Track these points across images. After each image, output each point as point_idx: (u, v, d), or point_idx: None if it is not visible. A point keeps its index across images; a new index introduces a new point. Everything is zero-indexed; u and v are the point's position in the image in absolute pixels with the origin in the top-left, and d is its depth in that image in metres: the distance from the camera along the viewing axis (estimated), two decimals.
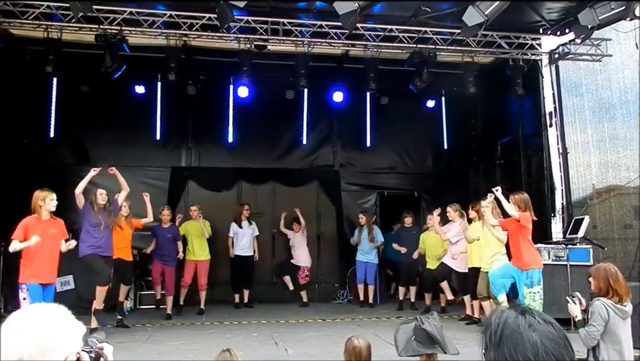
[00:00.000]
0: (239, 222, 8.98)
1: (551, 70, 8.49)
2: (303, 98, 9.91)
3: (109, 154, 9.72)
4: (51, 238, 5.48)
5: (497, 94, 9.54)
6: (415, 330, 3.13)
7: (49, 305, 1.27)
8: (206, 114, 9.93)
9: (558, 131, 8.38)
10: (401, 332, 3.19)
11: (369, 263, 9.00)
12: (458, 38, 8.10)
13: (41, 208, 5.46)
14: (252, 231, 9.01)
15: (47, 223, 5.50)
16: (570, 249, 7.00)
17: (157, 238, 7.99)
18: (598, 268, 3.77)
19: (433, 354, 3.09)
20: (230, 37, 8.04)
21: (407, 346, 3.10)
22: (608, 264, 3.83)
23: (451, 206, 7.70)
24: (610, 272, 3.66)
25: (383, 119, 10.25)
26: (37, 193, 5.53)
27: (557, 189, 8.22)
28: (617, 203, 9.29)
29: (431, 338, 3.05)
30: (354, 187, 10.52)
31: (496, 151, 9.86)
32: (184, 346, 5.75)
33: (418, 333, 3.10)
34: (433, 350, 3.07)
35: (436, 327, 3.10)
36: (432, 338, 3.05)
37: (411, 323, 3.18)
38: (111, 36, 7.62)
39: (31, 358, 1.16)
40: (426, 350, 3.07)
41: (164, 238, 7.97)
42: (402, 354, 3.14)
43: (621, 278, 3.64)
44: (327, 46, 8.34)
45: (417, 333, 3.11)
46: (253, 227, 9.06)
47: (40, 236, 5.31)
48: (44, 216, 5.48)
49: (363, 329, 6.46)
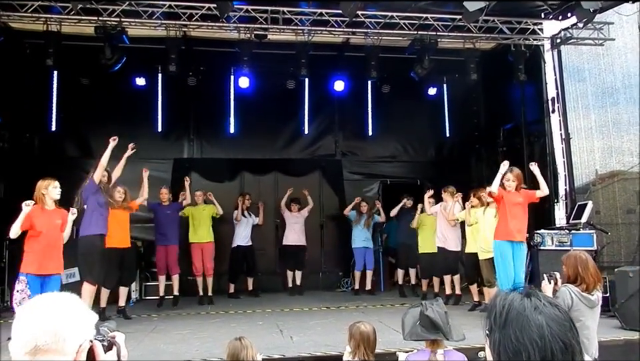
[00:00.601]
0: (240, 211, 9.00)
1: (553, 55, 8.44)
2: (304, 87, 9.88)
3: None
4: (55, 228, 5.40)
5: (499, 81, 9.49)
6: (420, 314, 3.16)
7: (62, 293, 1.29)
8: (207, 105, 9.91)
9: (560, 117, 8.34)
10: (409, 316, 3.22)
11: (367, 249, 9.05)
12: (459, 24, 8.05)
13: (45, 197, 5.37)
14: (252, 222, 9.05)
15: (52, 213, 5.42)
16: (573, 234, 7.01)
17: (158, 216, 7.94)
18: (569, 255, 3.75)
19: (437, 339, 3.12)
20: (230, 27, 8.00)
21: (412, 331, 3.13)
22: (581, 252, 3.79)
23: (447, 189, 7.87)
24: (580, 259, 3.62)
25: (385, 107, 10.22)
26: (39, 182, 5.44)
27: (560, 175, 8.21)
28: (621, 188, 9.28)
29: (434, 324, 3.08)
30: (356, 176, 10.53)
31: (498, 138, 9.83)
32: (190, 335, 5.79)
33: (422, 318, 3.13)
34: (436, 336, 3.10)
35: (439, 313, 3.13)
36: (435, 324, 3.08)
37: (418, 307, 3.21)
38: (111, 28, 7.58)
39: (45, 345, 1.17)
40: (429, 335, 3.10)
41: (165, 216, 7.93)
42: (407, 338, 3.18)
43: (591, 267, 3.60)
44: (328, 34, 8.30)
45: (422, 318, 3.13)
46: (253, 218, 9.12)
47: (44, 226, 5.28)
48: (48, 205, 5.41)
49: (367, 316, 6.50)
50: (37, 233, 5.30)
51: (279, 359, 4.66)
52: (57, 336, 1.18)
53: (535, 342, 1.16)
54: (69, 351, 1.20)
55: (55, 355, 1.18)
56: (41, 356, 1.18)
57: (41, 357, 1.18)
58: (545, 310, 1.20)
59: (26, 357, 1.18)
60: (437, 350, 3.13)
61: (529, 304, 1.21)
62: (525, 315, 1.19)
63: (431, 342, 3.15)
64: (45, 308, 1.22)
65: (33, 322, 1.20)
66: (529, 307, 1.20)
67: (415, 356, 3.28)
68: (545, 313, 1.19)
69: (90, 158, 9.62)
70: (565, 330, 1.18)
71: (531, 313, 1.19)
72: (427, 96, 10.17)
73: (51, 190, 5.42)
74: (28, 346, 1.18)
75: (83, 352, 1.22)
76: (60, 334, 1.19)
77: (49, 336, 1.18)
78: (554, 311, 1.20)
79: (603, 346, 4.90)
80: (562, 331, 1.17)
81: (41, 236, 5.29)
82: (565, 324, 1.19)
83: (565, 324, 1.19)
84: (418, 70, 8.44)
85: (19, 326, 1.21)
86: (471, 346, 4.08)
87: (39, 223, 5.28)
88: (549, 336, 1.16)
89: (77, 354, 1.21)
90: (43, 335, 1.17)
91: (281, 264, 9.54)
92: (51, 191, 5.42)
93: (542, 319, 1.18)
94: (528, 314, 1.19)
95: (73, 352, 1.21)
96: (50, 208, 5.43)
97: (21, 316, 1.22)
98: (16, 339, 1.20)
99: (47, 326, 1.18)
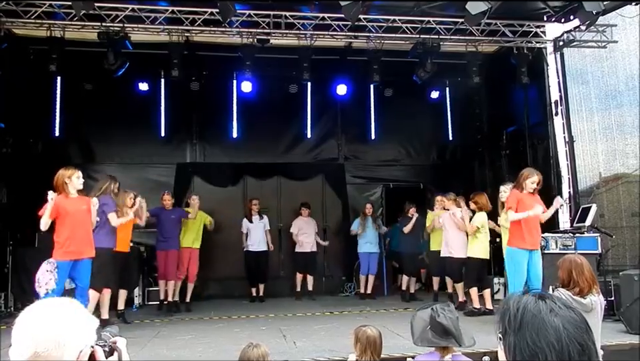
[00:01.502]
0: (249, 217, 8.99)
1: (556, 58, 8.42)
2: (307, 91, 9.89)
3: (114, 151, 9.79)
4: (82, 213, 5.50)
5: (502, 84, 9.48)
6: (430, 319, 3.12)
7: (62, 299, 1.28)
8: (210, 110, 9.94)
9: (564, 119, 8.32)
10: (417, 319, 3.19)
11: (372, 254, 9.02)
12: (461, 27, 8.05)
13: (67, 186, 5.42)
14: (263, 225, 9.02)
15: (76, 200, 5.50)
16: (577, 238, 6.96)
17: (161, 220, 7.90)
18: (565, 259, 3.70)
19: None
20: (232, 32, 8.02)
21: (422, 336, 3.10)
22: (576, 255, 3.73)
23: (447, 196, 7.81)
24: (575, 263, 3.58)
25: (387, 111, 10.22)
26: (61, 171, 5.48)
27: (564, 178, 8.18)
28: (625, 191, 9.21)
29: (446, 331, 3.05)
30: (359, 180, 10.52)
31: (501, 141, 9.81)
32: (193, 340, 5.77)
33: (433, 324, 3.09)
34: (448, 342, 3.07)
35: (451, 319, 3.10)
36: (447, 330, 3.05)
37: (427, 309, 3.17)
38: (114, 33, 7.62)
39: (45, 351, 1.16)
40: (441, 342, 3.07)
41: (169, 221, 7.90)
42: (417, 343, 3.15)
43: (586, 271, 3.55)
44: (330, 38, 8.31)
45: (432, 323, 3.10)
46: (264, 221, 9.06)
47: (71, 210, 5.35)
48: (72, 193, 5.47)
49: (370, 321, 6.41)
50: (65, 219, 5.36)
51: None
52: (57, 342, 1.17)
53: (551, 344, 1.14)
54: (69, 357, 1.19)
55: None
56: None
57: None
58: (561, 312, 1.19)
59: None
60: (446, 354, 3.10)
61: (544, 307, 1.20)
62: (541, 317, 1.18)
63: (441, 347, 3.13)
64: (45, 314, 1.21)
65: (33, 328, 1.19)
66: (545, 309, 1.19)
67: (423, 357, 3.25)
68: (561, 315, 1.18)
69: (93, 163, 9.69)
70: (581, 333, 1.16)
71: (547, 315, 1.18)
72: (430, 100, 10.16)
73: (75, 180, 5.49)
74: (28, 353, 1.16)
75: (84, 357, 1.21)
76: (60, 340, 1.17)
77: (49, 342, 1.17)
78: (570, 313, 1.19)
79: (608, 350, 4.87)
80: (578, 333, 1.16)
81: (68, 220, 5.36)
82: (581, 326, 1.17)
83: (581, 326, 1.18)
84: (420, 74, 8.43)
85: (18, 332, 1.20)
86: (475, 351, 4.05)
87: (66, 208, 5.34)
88: (566, 338, 1.14)
89: (77, 360, 1.20)
90: (43, 341, 1.16)
91: (294, 268, 9.45)
92: (75, 181, 5.49)
93: (558, 321, 1.17)
94: (544, 317, 1.18)
95: (74, 357, 1.20)
96: (73, 196, 5.49)
97: (21, 322, 1.21)
98: (16, 345, 1.19)
99: (47, 332, 1.17)
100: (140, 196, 6.99)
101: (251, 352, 3.01)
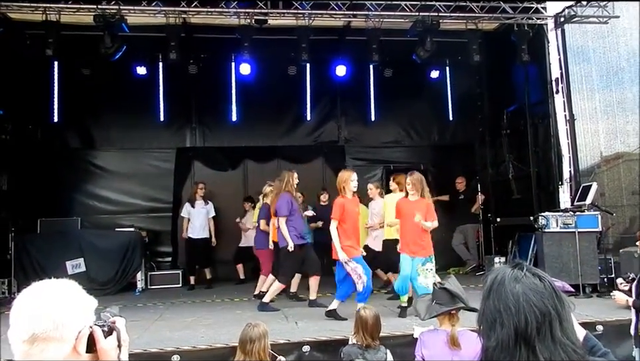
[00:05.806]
0: (192, 201, 8.61)
1: (557, 34, 8.30)
2: (306, 73, 9.82)
3: (113, 137, 9.77)
4: (356, 215, 5.97)
5: (502, 62, 9.37)
6: (433, 294, 3.27)
7: (60, 280, 1.27)
8: (209, 93, 9.88)
9: (564, 98, 8.23)
10: (420, 302, 3.35)
11: None
12: (461, 4, 7.93)
13: (345, 189, 5.82)
14: (206, 212, 8.62)
15: (352, 201, 5.91)
16: (578, 216, 6.97)
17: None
18: None
19: (453, 313, 3.16)
20: (230, 12, 7.91)
21: (429, 310, 3.21)
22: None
23: (372, 183, 7.71)
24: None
25: (387, 92, 10.14)
26: (342, 174, 5.97)
27: (565, 157, 8.12)
28: (626, 170, 9.18)
29: (452, 296, 3.17)
30: (360, 162, 10.48)
31: (502, 120, 9.74)
32: (195, 322, 5.84)
33: (437, 295, 3.21)
34: (456, 305, 3.16)
35: (456, 285, 3.25)
36: (454, 295, 3.17)
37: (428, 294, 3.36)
38: (110, 16, 7.51)
39: (44, 332, 1.16)
40: (449, 306, 3.16)
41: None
42: (426, 318, 3.26)
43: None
44: (328, 17, 8.20)
45: (436, 296, 3.23)
46: (208, 208, 8.67)
47: (350, 213, 5.78)
48: (349, 195, 5.85)
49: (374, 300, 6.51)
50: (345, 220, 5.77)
51: (283, 344, 4.68)
52: (56, 323, 1.17)
53: (508, 309, 1.21)
54: (68, 338, 1.19)
55: (54, 342, 1.17)
56: (40, 344, 1.16)
57: (40, 345, 1.16)
58: (525, 280, 1.24)
59: (25, 345, 1.17)
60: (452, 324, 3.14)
61: (510, 275, 1.26)
62: (505, 285, 1.25)
63: (448, 319, 3.17)
64: (42, 295, 1.21)
65: (30, 309, 1.18)
66: (509, 277, 1.26)
67: (430, 333, 3.29)
68: (524, 282, 1.24)
69: (92, 148, 9.67)
70: (541, 298, 1.21)
71: (509, 283, 1.24)
72: (430, 80, 10.06)
73: (351, 183, 5.86)
74: (26, 334, 1.16)
75: (83, 338, 1.21)
76: (58, 321, 1.17)
77: (47, 323, 1.16)
78: (534, 280, 1.24)
79: (608, 325, 4.94)
80: (538, 298, 1.21)
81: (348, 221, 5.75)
82: (542, 292, 1.22)
83: (543, 292, 1.22)
84: (420, 53, 8.33)
85: (16, 314, 1.19)
86: None
87: (348, 211, 5.77)
88: (524, 303, 1.20)
89: (76, 340, 1.20)
90: (41, 322, 1.16)
91: None
92: (351, 183, 5.86)
93: (519, 288, 1.23)
94: (507, 284, 1.24)
95: (72, 338, 1.19)
96: (350, 197, 5.89)
97: (19, 304, 1.21)
98: (14, 327, 1.19)
99: (45, 313, 1.17)
100: None
101: (252, 331, 3.09)
